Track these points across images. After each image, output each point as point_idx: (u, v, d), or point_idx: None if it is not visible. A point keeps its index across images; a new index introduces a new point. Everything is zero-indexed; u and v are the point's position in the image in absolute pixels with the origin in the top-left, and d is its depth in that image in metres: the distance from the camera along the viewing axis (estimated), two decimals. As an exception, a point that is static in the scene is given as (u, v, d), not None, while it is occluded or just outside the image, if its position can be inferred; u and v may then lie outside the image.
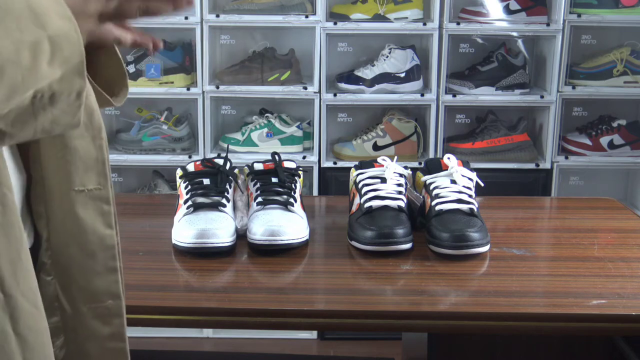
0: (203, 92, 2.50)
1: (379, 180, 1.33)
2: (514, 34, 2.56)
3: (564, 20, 2.45)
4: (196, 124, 2.57)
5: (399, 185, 1.33)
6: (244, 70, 2.54)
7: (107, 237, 0.76)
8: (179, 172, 1.36)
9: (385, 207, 1.28)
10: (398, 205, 1.29)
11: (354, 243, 1.26)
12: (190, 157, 2.54)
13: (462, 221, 1.25)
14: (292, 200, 1.30)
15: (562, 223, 1.49)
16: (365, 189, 1.32)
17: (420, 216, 1.33)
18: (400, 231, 1.23)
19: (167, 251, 1.25)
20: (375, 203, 1.28)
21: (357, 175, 1.35)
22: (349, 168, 1.41)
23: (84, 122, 0.69)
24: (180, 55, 2.54)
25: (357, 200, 1.32)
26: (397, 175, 1.34)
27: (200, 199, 1.29)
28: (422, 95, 2.51)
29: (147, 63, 2.51)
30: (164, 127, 2.57)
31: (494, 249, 1.26)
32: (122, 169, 2.64)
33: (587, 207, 1.57)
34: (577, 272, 1.19)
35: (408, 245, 1.24)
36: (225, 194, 1.31)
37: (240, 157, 2.47)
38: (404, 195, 1.32)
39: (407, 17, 2.49)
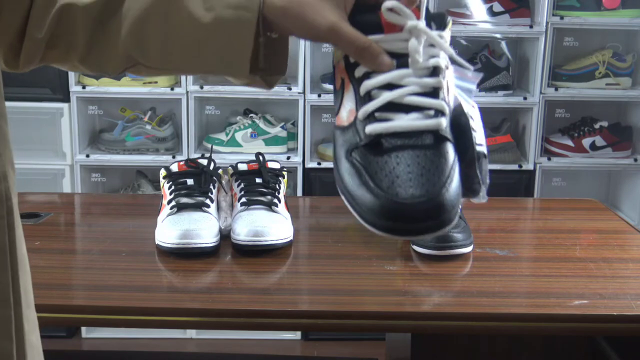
0: (187, 92, 2.49)
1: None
2: (498, 35, 2.57)
3: (547, 23, 2.47)
4: (180, 124, 2.56)
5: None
6: (228, 71, 2.53)
7: (2, 353, 0.57)
8: (163, 172, 1.35)
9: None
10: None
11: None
12: (174, 157, 2.53)
13: (445, 222, 1.25)
14: (276, 200, 1.29)
15: (545, 224, 1.50)
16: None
17: None
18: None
19: (150, 252, 1.25)
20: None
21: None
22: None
23: None
24: (164, 55, 2.53)
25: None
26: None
27: (184, 200, 1.28)
28: (406, 96, 2.51)
29: (130, 63, 2.50)
30: (148, 127, 2.55)
31: (477, 250, 1.26)
32: (105, 169, 2.63)
33: (569, 208, 1.58)
34: (559, 272, 1.19)
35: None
36: (209, 194, 1.30)
37: (224, 157, 2.47)
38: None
39: (391, 18, 2.50)
